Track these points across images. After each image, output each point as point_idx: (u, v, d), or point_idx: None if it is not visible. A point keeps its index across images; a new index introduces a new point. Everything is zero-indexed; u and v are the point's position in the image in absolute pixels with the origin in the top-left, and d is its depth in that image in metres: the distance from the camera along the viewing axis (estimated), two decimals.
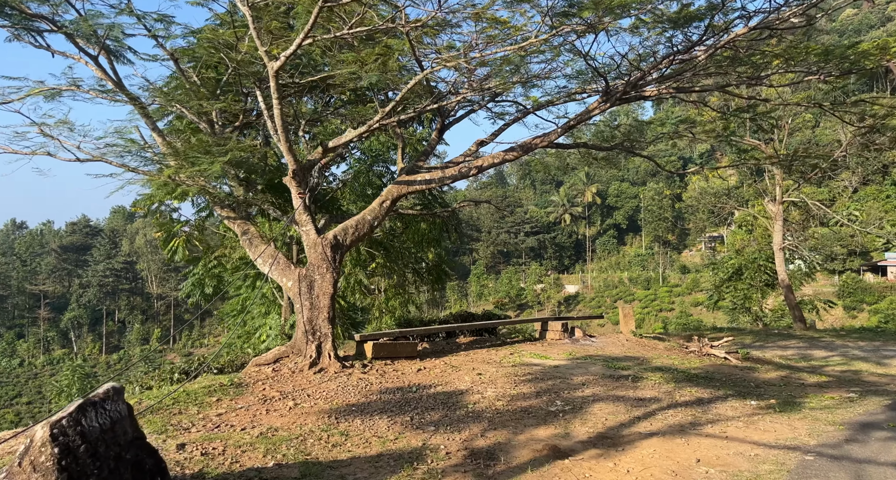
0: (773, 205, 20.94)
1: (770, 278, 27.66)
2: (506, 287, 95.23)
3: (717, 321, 58.74)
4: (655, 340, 13.46)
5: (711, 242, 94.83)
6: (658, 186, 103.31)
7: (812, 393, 8.71)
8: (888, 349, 15.36)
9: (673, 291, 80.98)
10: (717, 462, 5.49)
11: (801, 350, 15.32)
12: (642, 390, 8.32)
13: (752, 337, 17.96)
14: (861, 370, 11.61)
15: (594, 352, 11.28)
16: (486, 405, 7.43)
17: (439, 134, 11.71)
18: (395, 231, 18.76)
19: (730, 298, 28.71)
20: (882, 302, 59.17)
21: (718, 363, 11.07)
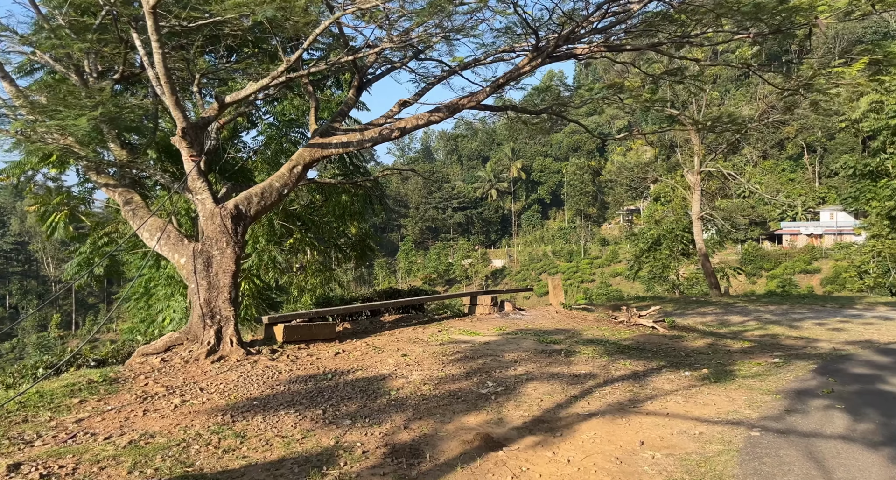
0: (692, 175, 21.46)
1: (686, 247, 28.70)
2: (434, 263, 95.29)
3: (635, 290, 61.47)
4: (584, 311, 13.23)
5: (629, 215, 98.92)
6: (580, 161, 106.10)
7: (740, 360, 8.61)
8: (796, 312, 16.08)
9: (594, 263, 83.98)
10: (661, 443, 5.02)
11: (718, 316, 15.72)
12: (577, 365, 7.85)
13: (672, 305, 18.35)
14: (777, 333, 11.88)
15: (525, 326, 10.80)
16: (411, 391, 6.66)
17: (357, 92, 10.59)
18: (315, 204, 17.47)
19: (649, 267, 29.60)
20: (778, 268, 63.92)
21: (647, 333, 10.91)
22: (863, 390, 6.47)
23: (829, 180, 77.19)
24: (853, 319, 14.30)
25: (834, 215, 71.71)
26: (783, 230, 74.00)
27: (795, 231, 72.95)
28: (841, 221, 69.47)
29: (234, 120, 12.54)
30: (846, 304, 17.84)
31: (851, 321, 13.93)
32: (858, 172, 27.00)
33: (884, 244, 32.09)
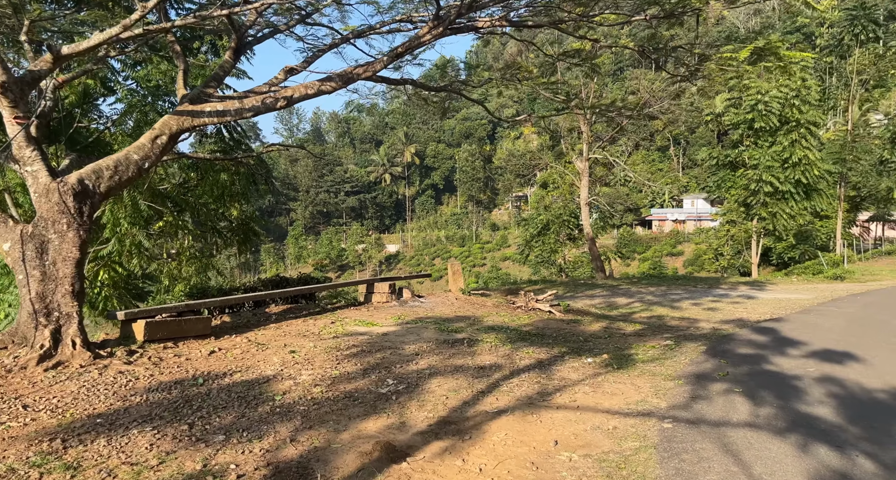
0: (580, 162, 22.18)
1: (572, 232, 29.88)
2: (326, 248, 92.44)
3: (523, 274, 63.80)
4: (482, 297, 12.99)
5: (518, 201, 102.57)
6: (471, 147, 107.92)
7: (635, 344, 8.70)
8: (673, 293, 17.10)
9: (485, 247, 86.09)
10: (576, 442, 4.68)
11: (606, 299, 16.27)
12: (481, 356, 7.43)
13: (563, 288, 18.80)
14: (662, 315, 12.39)
15: (424, 314, 10.27)
16: (300, 395, 5.83)
17: (235, 55, 9.30)
18: (189, 183, 15.61)
19: (538, 251, 30.49)
20: (648, 251, 69.19)
21: (545, 318, 10.84)
22: (753, 371, 6.66)
23: (691, 171, 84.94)
24: (722, 298, 15.43)
25: (695, 203, 79.04)
26: (653, 217, 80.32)
27: (663, 217, 79.55)
28: (700, 208, 76.81)
29: (80, 81, 10.64)
30: (713, 284, 19.38)
31: (721, 300, 15.00)
32: (720, 162, 29.56)
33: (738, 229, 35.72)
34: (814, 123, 26.43)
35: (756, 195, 27.18)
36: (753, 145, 27.46)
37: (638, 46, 9.06)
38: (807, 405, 5.34)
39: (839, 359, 7.21)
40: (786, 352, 7.69)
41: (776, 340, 8.59)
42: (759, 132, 26.75)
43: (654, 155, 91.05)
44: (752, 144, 27.49)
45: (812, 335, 8.89)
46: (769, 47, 8.26)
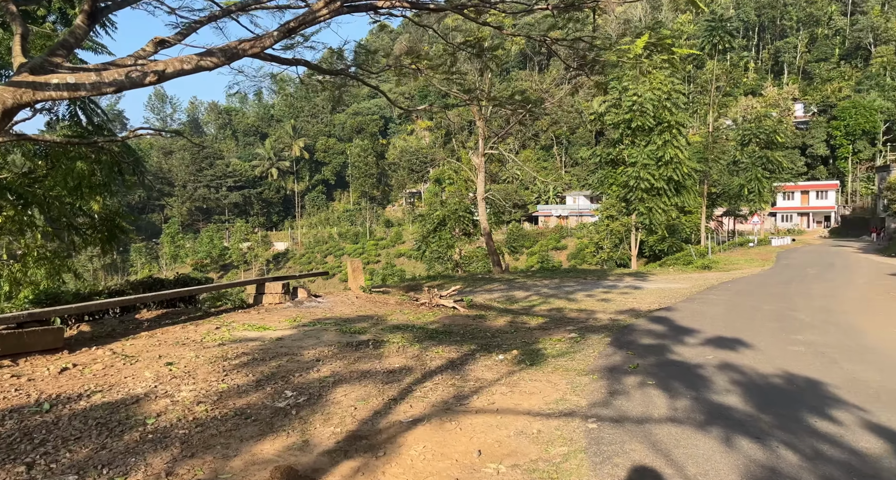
0: (476, 157, 22.30)
1: (467, 227, 30.14)
2: (206, 247, 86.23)
3: (418, 270, 63.85)
4: (384, 295, 12.42)
5: (412, 197, 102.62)
6: (363, 143, 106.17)
7: (542, 337, 8.63)
8: (567, 285, 17.64)
9: (379, 244, 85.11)
10: (501, 450, 4.32)
11: (504, 293, 16.38)
12: (389, 358, 6.90)
13: (462, 283, 18.73)
14: (562, 307, 12.59)
15: (323, 315, 9.51)
16: (179, 416, 4.95)
17: (89, 20, 7.88)
18: (36, 173, 13.41)
19: (434, 247, 30.43)
20: (535, 246, 71.93)
21: (450, 314, 10.53)
22: (660, 362, 6.77)
23: (573, 169, 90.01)
24: (612, 289, 16.13)
25: (576, 199, 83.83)
26: (539, 213, 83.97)
27: (548, 213, 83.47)
28: (582, 204, 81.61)
29: None
30: (601, 276, 20.34)
31: (611, 291, 15.66)
32: (603, 160, 31.29)
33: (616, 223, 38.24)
34: (682, 125, 28.76)
35: (634, 191, 29.05)
36: (631, 144, 29.31)
37: (540, 36, 9.00)
38: (717, 394, 5.42)
39: (731, 346, 7.58)
40: (684, 341, 7.97)
41: (672, 329, 8.94)
42: (637, 131, 28.59)
43: (540, 153, 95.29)
44: (631, 144, 29.34)
45: (701, 323, 9.37)
46: (660, 43, 8.56)
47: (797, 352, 7.24)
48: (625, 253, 43.92)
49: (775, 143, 40.52)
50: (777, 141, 40.42)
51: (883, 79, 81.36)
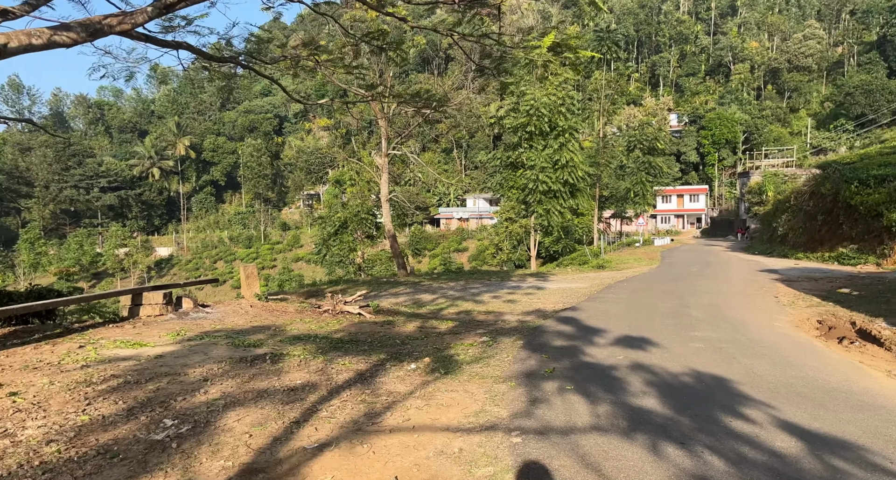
0: (380, 158, 21.72)
1: (370, 229, 29.41)
2: (75, 254, 77.69)
3: (317, 274, 61.73)
4: (282, 302, 11.51)
5: (310, 199, 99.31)
6: (257, 142, 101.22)
7: (454, 343, 8.31)
8: (472, 287, 17.60)
9: (275, 248, 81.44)
10: (420, 475, 3.88)
11: (411, 296, 15.99)
12: (289, 374, 6.21)
13: (367, 288, 18.08)
14: (469, 309, 12.41)
15: (212, 327, 8.53)
16: (21, 461, 4.00)
17: None
18: None
19: (336, 251, 29.38)
20: (437, 248, 72.41)
21: (356, 321, 9.93)
22: (574, 365, 6.66)
23: (473, 172, 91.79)
24: (516, 290, 16.29)
25: (476, 202, 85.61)
26: (440, 215, 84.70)
27: (450, 215, 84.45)
28: (481, 207, 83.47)
29: None
30: (505, 278, 20.57)
31: (516, 292, 15.79)
32: (503, 163, 31.94)
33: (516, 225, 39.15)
34: (576, 129, 30.06)
35: (533, 194, 29.91)
36: (529, 148, 30.16)
37: (446, 30, 8.71)
38: (635, 397, 5.35)
39: (639, 345, 7.70)
40: (594, 341, 8.00)
41: (581, 329, 8.98)
42: (534, 135, 29.46)
43: (440, 157, 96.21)
44: (529, 147, 30.18)
45: (607, 322, 9.53)
46: (565, 43, 8.62)
47: (698, 349, 7.48)
48: (523, 254, 45.28)
49: (656, 149, 43.70)
50: (658, 148, 43.61)
51: (741, 94, 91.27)
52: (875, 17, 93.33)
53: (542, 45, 8.32)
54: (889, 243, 19.81)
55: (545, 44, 8.39)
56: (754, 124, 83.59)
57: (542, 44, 8.33)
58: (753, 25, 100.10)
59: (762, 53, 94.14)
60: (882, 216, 20.18)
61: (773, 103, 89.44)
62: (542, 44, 8.33)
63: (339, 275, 32.94)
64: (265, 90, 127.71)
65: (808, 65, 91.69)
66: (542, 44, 8.33)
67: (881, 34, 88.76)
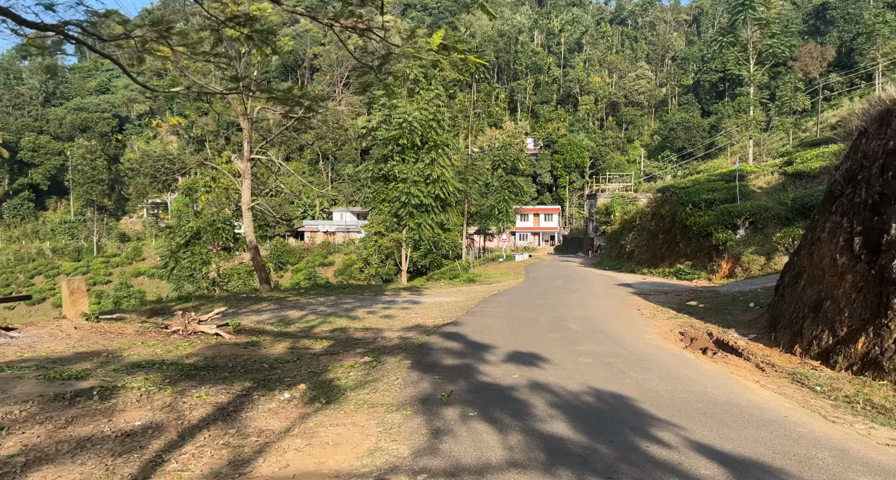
0: (242, 162, 19.82)
1: (227, 241, 26.95)
2: None
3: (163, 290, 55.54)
4: (118, 323, 9.62)
5: (155, 208, 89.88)
6: (91, 143, 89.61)
7: (332, 365, 7.40)
8: (345, 302, 16.56)
9: (111, 261, 72.15)
10: None
11: (276, 313, 14.56)
12: (125, 413, 4.89)
13: (224, 304, 16.21)
14: (345, 326, 11.47)
15: (18, 356, 6.69)
16: None
17: None
18: None
19: (186, 264, 26.39)
20: (301, 262, 69.11)
21: (213, 343, 8.53)
22: (472, 386, 6.14)
23: (340, 185, 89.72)
24: (391, 305, 15.60)
25: (343, 215, 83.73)
26: (305, 228, 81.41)
27: (315, 228, 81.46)
28: (348, 220, 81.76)
29: None
30: (378, 292, 19.75)
31: (391, 306, 15.10)
32: (375, 176, 31.26)
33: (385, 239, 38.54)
34: (446, 145, 30.39)
35: (405, 207, 29.56)
36: (402, 161, 29.86)
37: (327, 20, 7.88)
38: (544, 422, 4.93)
39: (531, 361, 7.41)
40: (485, 358, 7.56)
41: (469, 346, 8.52)
42: (406, 149, 29.23)
43: (306, 168, 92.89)
44: (401, 160, 29.87)
45: (493, 337, 9.19)
46: (453, 45, 8.25)
47: (588, 364, 7.38)
48: (392, 269, 44.67)
49: (518, 170, 45.90)
50: (520, 168, 45.85)
51: (587, 123, 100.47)
52: (691, 63, 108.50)
53: (430, 42, 7.86)
54: (717, 260, 22.39)
55: (434, 42, 7.97)
56: (599, 151, 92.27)
57: (430, 42, 7.87)
58: (596, 62, 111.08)
59: (604, 88, 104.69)
60: (711, 236, 22.78)
61: (614, 133, 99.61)
62: (430, 42, 7.87)
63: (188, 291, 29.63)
64: (102, 87, 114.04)
65: (640, 101, 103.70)
66: (430, 42, 7.87)
67: (696, 79, 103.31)
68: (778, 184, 24.89)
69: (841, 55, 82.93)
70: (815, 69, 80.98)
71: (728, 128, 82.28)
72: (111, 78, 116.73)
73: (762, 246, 20.50)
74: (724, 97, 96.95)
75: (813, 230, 8.62)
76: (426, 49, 7.72)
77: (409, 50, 7.76)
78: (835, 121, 59.77)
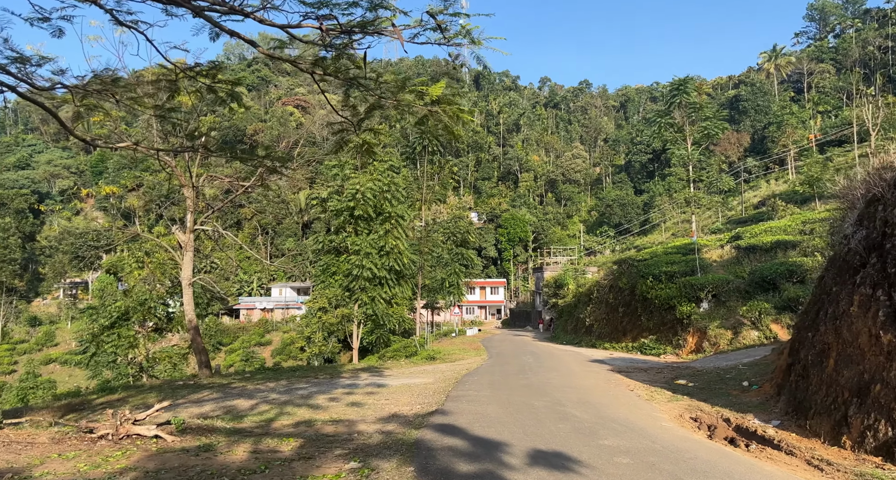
0: (184, 233, 18.09)
1: (160, 321, 24.42)
2: None
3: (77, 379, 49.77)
4: (29, 428, 7.61)
5: (74, 288, 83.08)
6: (4, 220, 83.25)
7: (310, 475, 5.91)
8: (298, 387, 14.71)
9: (17, 348, 64.82)
10: None
11: (220, 402, 12.58)
12: None
13: (157, 394, 14.01)
14: (309, 419, 9.81)
15: None
16: None
17: None
18: None
19: (110, 348, 23.44)
20: (236, 342, 64.46)
21: (153, 450, 6.78)
22: None
23: (279, 259, 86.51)
24: (353, 389, 13.95)
25: (282, 291, 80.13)
26: (241, 305, 77.11)
27: (252, 306, 77.31)
28: (288, 296, 78.22)
29: None
30: (334, 374, 17.89)
31: (354, 391, 13.47)
32: (325, 247, 29.86)
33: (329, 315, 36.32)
34: (401, 216, 29.66)
35: (357, 280, 28.12)
36: (354, 233, 28.75)
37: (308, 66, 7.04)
38: None
39: (562, 464, 6.14)
40: (504, 461, 6.25)
41: (474, 443, 7.16)
42: (359, 220, 28.25)
43: (244, 241, 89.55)
44: (354, 232, 28.76)
45: (497, 431, 7.86)
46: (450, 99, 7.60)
47: (630, 466, 6.19)
48: (335, 347, 41.97)
49: (468, 242, 45.66)
50: (469, 240, 45.64)
51: (528, 199, 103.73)
52: (621, 145, 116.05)
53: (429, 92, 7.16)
54: (682, 334, 22.04)
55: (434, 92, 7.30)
56: (541, 226, 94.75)
57: (429, 92, 7.17)
58: (534, 142, 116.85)
59: (542, 166, 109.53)
60: (674, 309, 22.56)
61: (554, 209, 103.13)
62: (429, 92, 7.17)
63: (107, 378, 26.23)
64: (21, 163, 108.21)
65: (577, 179, 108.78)
66: (429, 92, 7.17)
67: (627, 159, 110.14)
68: (731, 257, 25.44)
69: (755, 141, 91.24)
70: (734, 153, 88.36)
71: (662, 205, 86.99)
72: (33, 153, 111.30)
73: (727, 320, 20.37)
74: (653, 177, 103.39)
75: (834, 304, 8.10)
76: (421, 102, 6.98)
77: (406, 98, 7.00)
78: (756, 201, 64.47)
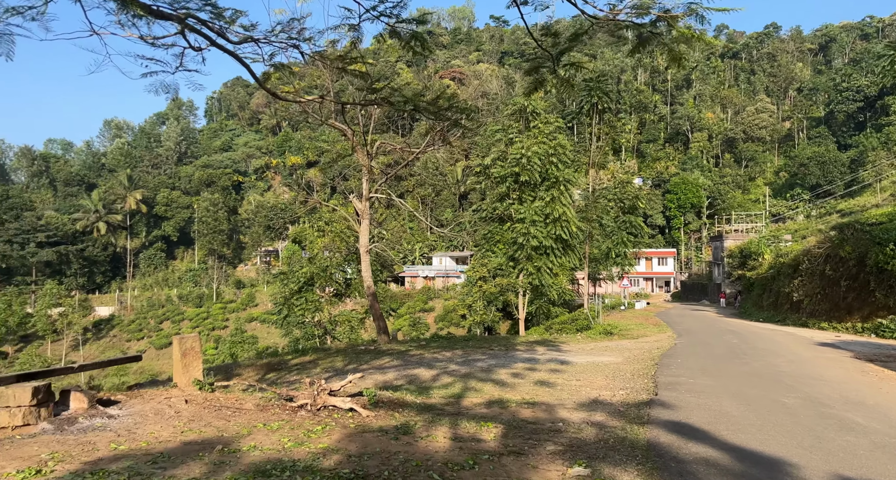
0: (360, 202, 18.54)
1: (340, 286, 25.78)
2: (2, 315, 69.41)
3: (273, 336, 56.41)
4: (236, 392, 7.78)
5: (267, 256, 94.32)
6: (214, 196, 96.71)
7: (527, 478, 4.91)
8: (476, 359, 14.13)
9: (227, 307, 75.56)
10: None
11: (402, 371, 12.40)
12: None
13: (342, 359, 14.40)
14: (500, 399, 8.97)
15: (111, 450, 4.84)
16: None
17: None
18: None
19: (299, 311, 25.42)
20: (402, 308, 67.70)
21: (352, 427, 6.36)
22: None
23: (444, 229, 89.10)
24: (534, 363, 12.97)
25: (442, 260, 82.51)
26: (406, 273, 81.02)
27: (415, 274, 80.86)
28: (448, 265, 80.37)
29: None
30: (509, 347, 17.14)
31: (536, 368, 12.46)
32: (489, 216, 29.19)
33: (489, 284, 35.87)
34: (569, 181, 27.78)
35: (523, 249, 27.07)
36: (519, 200, 27.61)
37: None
38: None
39: None
40: None
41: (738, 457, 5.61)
42: (524, 186, 26.98)
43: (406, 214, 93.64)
44: (518, 199, 27.63)
45: (762, 441, 6.21)
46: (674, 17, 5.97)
47: None
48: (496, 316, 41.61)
49: (637, 209, 42.03)
50: (638, 207, 41.99)
51: (701, 161, 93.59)
52: (821, 94, 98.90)
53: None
54: None
55: None
56: (717, 190, 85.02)
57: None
58: (708, 97, 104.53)
59: (718, 123, 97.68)
60: None
61: (732, 171, 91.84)
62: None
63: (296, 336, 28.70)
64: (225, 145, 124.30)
65: (761, 136, 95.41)
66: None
67: (828, 110, 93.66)
68: None
69: None
70: None
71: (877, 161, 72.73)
72: (233, 137, 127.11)
73: None
74: (864, 128, 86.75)
75: None
76: None
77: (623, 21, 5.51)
78: None
